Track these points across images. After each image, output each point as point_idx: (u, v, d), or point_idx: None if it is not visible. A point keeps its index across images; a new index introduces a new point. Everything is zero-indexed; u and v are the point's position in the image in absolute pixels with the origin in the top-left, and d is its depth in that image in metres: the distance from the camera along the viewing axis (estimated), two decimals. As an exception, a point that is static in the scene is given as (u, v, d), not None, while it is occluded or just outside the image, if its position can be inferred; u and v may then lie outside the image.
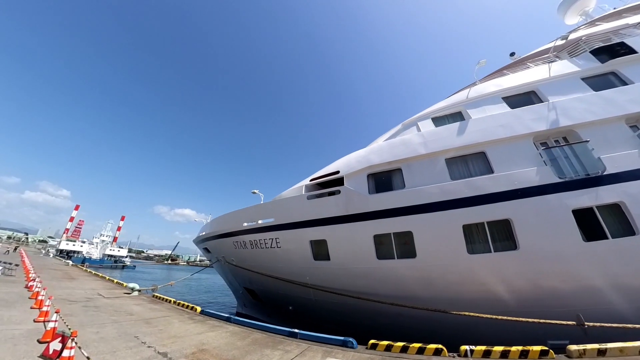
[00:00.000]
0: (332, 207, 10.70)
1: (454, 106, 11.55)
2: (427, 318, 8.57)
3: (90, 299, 11.15)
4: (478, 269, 8.32)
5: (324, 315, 11.77)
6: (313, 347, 7.07)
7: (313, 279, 11.20)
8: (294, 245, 11.67)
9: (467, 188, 8.97)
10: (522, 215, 8.21)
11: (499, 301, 8.11)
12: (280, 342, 7.32)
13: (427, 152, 10.18)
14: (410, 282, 9.19)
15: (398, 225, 9.53)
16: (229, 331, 8.05)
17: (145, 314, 9.37)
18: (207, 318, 9.52)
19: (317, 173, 12.39)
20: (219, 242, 17.18)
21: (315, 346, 7.15)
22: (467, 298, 8.44)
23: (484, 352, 6.25)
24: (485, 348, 6.29)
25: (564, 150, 9.31)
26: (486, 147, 9.69)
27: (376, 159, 10.84)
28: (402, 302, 8.81)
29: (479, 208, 8.65)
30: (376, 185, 10.74)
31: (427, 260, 8.90)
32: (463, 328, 8.26)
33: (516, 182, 8.57)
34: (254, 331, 8.25)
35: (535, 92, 10.77)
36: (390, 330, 9.28)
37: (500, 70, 13.34)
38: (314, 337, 7.74)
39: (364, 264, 9.92)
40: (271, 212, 12.69)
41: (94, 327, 7.29)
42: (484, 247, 8.48)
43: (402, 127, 12.16)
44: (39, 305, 8.67)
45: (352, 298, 9.86)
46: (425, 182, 9.75)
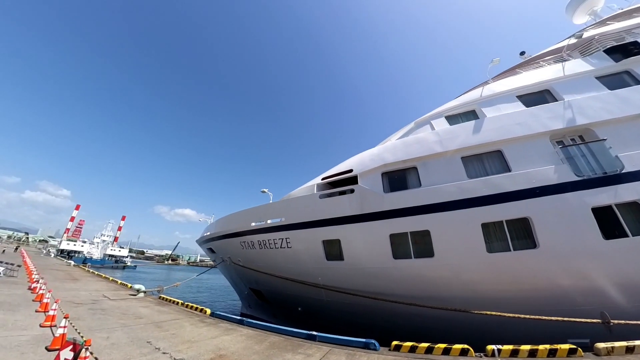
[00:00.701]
0: (346, 206, 10.33)
1: (468, 104, 11.28)
2: (446, 318, 8.34)
3: (96, 301, 10.66)
4: (498, 267, 8.10)
5: (335, 317, 11.39)
6: (334, 350, 6.68)
7: (325, 280, 10.80)
8: (305, 245, 11.27)
9: (485, 186, 8.76)
10: (542, 214, 8.03)
11: (518, 300, 7.91)
12: (299, 346, 6.91)
13: (443, 150, 9.92)
14: (428, 282, 8.92)
15: (415, 224, 9.23)
16: (244, 334, 7.62)
17: (155, 317, 8.91)
18: (219, 321, 9.07)
19: (329, 172, 12.02)
20: (224, 243, 16.73)
21: (337, 349, 6.76)
22: (486, 297, 8.21)
23: (512, 351, 5.99)
24: (512, 347, 6.03)
25: (580, 149, 9.12)
26: (503, 145, 9.49)
27: (391, 158, 10.50)
28: (420, 302, 8.52)
29: (498, 206, 8.45)
30: (390, 184, 10.40)
31: (445, 260, 8.65)
32: (482, 328, 8.02)
33: (534, 181, 8.39)
34: (269, 334, 7.83)
35: (549, 90, 10.58)
36: (405, 331, 9.02)
37: (512, 69, 13.07)
38: (334, 339, 7.34)
39: (379, 263, 9.57)
40: (281, 211, 12.28)
41: (104, 332, 6.84)
42: (503, 245, 8.28)
43: (415, 125, 11.84)
44: (44, 308, 8.19)
45: (367, 298, 9.52)
46: (441, 181, 9.49)
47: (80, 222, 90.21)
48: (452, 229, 8.73)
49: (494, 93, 11.06)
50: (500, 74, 13.39)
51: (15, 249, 47.84)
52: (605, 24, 12.76)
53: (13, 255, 33.88)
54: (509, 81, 11.49)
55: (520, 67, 12.66)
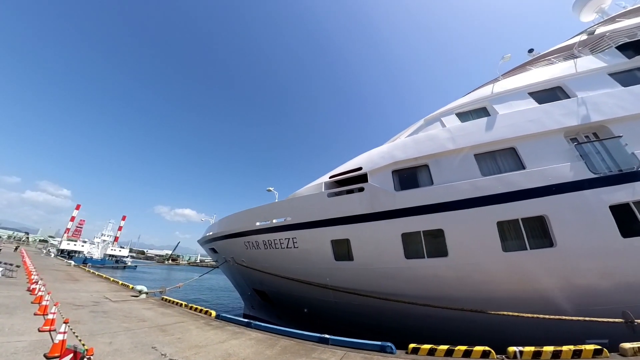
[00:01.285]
0: (355, 204, 9.94)
1: (478, 101, 10.97)
2: (460, 319, 8.05)
3: (97, 303, 10.20)
4: (514, 267, 7.85)
5: (343, 318, 10.99)
6: (350, 354, 6.31)
7: (333, 280, 10.40)
8: (313, 245, 10.86)
9: (500, 184, 8.46)
10: (559, 212, 7.79)
11: (534, 300, 7.67)
12: (312, 350, 6.52)
13: (455, 147, 9.58)
14: (441, 282, 8.60)
15: (428, 223, 8.88)
16: (253, 338, 7.20)
17: (159, 320, 8.48)
18: (225, 323, 8.65)
19: (336, 170, 11.63)
20: (228, 243, 16.28)
21: (352, 353, 6.39)
22: (501, 297, 7.93)
23: (534, 352, 5.70)
24: (534, 349, 5.76)
25: (595, 146, 8.86)
26: (516, 142, 9.22)
27: (401, 155, 10.13)
28: (434, 303, 8.20)
29: (513, 204, 8.17)
30: (401, 182, 10.03)
31: (460, 259, 8.34)
32: (497, 329, 7.74)
33: (550, 178, 8.12)
34: (280, 337, 7.42)
35: (561, 87, 10.32)
36: (416, 332, 8.71)
37: (522, 66, 12.76)
38: (348, 342, 6.96)
39: (391, 263, 9.20)
40: (287, 210, 11.86)
41: (106, 336, 6.40)
42: (519, 244, 8.01)
43: (425, 122, 11.49)
44: (43, 311, 7.75)
45: (378, 299, 9.15)
46: (454, 178, 9.15)
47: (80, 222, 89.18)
48: (466, 227, 8.43)
49: (505, 90, 10.76)
50: (510, 70, 13.09)
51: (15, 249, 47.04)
52: (615, 21, 12.49)
53: (13, 255, 33.19)
54: (519, 78, 11.19)
55: (530, 64, 12.35)
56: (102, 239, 79.76)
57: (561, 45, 12.56)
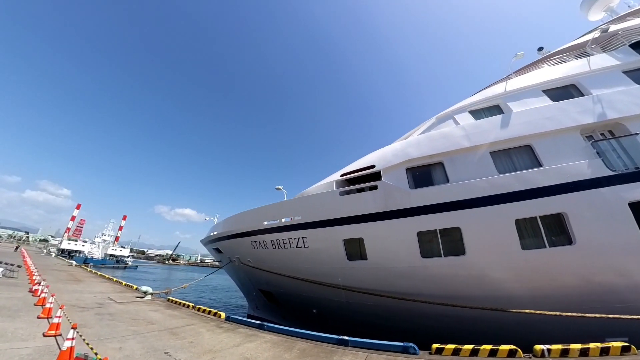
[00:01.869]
0: (369, 203, 9.58)
1: (492, 99, 10.70)
2: (477, 318, 7.84)
3: (102, 305, 9.75)
4: (533, 265, 7.67)
5: (354, 319, 10.63)
6: (372, 355, 5.98)
7: (346, 280, 10.03)
8: (324, 245, 10.48)
9: (517, 181, 8.25)
10: (578, 209, 7.63)
11: (553, 298, 7.51)
12: (332, 352, 6.15)
13: (470, 145, 9.32)
14: (459, 281, 8.34)
15: (445, 221, 8.60)
16: (269, 341, 6.81)
17: (167, 323, 8.06)
18: (236, 325, 8.24)
19: (347, 168, 11.27)
20: (233, 242, 15.83)
21: (375, 354, 6.05)
22: (520, 295, 7.73)
23: (562, 350, 5.61)
24: (562, 347, 5.66)
25: (611, 143, 8.69)
26: (533, 140, 9.03)
27: (415, 153, 9.81)
28: (450, 302, 7.95)
29: (532, 202, 7.98)
30: (414, 180, 9.71)
31: (477, 258, 8.10)
32: (515, 328, 7.59)
33: (568, 175, 7.94)
34: (296, 340, 7.04)
35: (575, 85, 10.10)
36: (432, 332, 8.47)
37: (535, 64, 12.49)
38: (368, 344, 6.62)
39: (406, 262, 8.88)
40: (297, 209, 11.47)
41: (115, 341, 5.99)
42: (537, 242, 7.83)
43: (437, 120, 11.17)
44: (47, 314, 7.31)
45: (393, 299, 8.82)
46: (470, 176, 8.90)
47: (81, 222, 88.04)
48: (485, 225, 8.19)
49: (519, 87, 10.51)
50: (522, 68, 12.83)
51: (15, 249, 46.18)
52: (626, 20, 12.28)
53: (13, 254, 32.48)
54: (532, 76, 10.95)
55: (542, 62, 12.10)
56: (103, 239, 78.83)
57: (572, 44, 12.31)
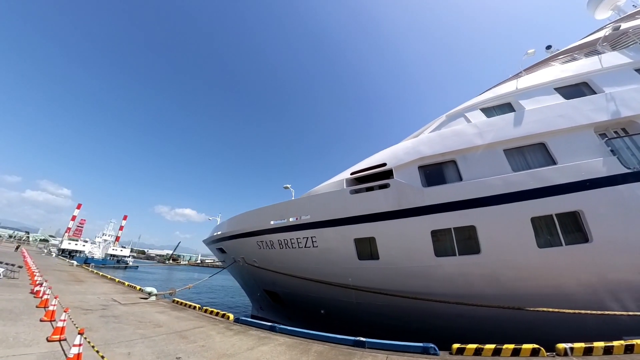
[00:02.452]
0: (381, 201, 9.28)
1: (503, 97, 10.46)
2: (492, 318, 7.66)
3: (106, 307, 9.36)
4: (550, 263, 7.50)
5: (364, 319, 10.33)
6: (392, 357, 5.71)
7: (356, 280, 9.72)
8: (334, 244, 10.16)
9: (532, 179, 8.05)
10: (594, 207, 7.48)
11: (569, 296, 7.35)
12: (350, 354, 5.84)
13: (484, 142, 9.09)
14: (474, 280, 8.11)
15: (459, 220, 8.37)
16: (283, 343, 6.47)
17: (175, 325, 7.69)
18: (247, 327, 7.89)
19: (357, 166, 10.96)
20: (238, 242, 15.46)
21: (394, 356, 5.78)
22: (536, 293, 7.56)
23: (585, 349, 5.50)
24: (585, 345, 5.55)
25: (624, 141, 8.49)
26: (546, 137, 8.82)
27: (427, 151, 9.53)
28: (465, 301, 7.73)
29: (547, 200, 7.80)
30: (426, 178, 9.43)
31: (493, 256, 7.88)
32: (530, 327, 7.45)
33: (583, 173, 7.77)
34: (311, 342, 6.70)
35: (587, 83, 9.89)
36: (444, 333, 8.29)
37: (545, 62, 12.27)
38: (387, 345, 6.33)
39: (419, 262, 8.62)
40: (306, 208, 11.13)
41: (122, 345, 5.63)
42: (554, 240, 7.67)
43: (447, 118, 10.90)
44: (50, 316, 6.92)
45: (406, 299, 8.55)
46: (484, 174, 8.68)
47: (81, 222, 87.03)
48: (500, 223, 7.97)
49: (531, 85, 10.29)
50: (532, 66, 12.61)
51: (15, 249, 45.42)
52: (634, 18, 12.08)
53: (13, 255, 31.84)
54: (543, 73, 10.72)
55: (552, 60, 11.87)
56: (104, 239, 77.97)
57: (582, 42, 12.10)
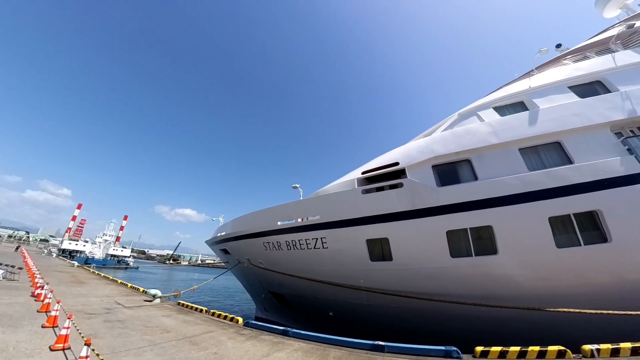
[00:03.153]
0: (394, 201, 8.94)
1: (516, 96, 10.17)
2: (509, 319, 7.43)
3: (110, 310, 8.93)
4: (568, 263, 7.27)
5: (375, 321, 9.98)
6: (414, 363, 5.32)
7: (368, 282, 9.37)
8: (345, 245, 9.80)
9: (549, 179, 7.79)
10: (613, 206, 7.25)
11: (588, 296, 7.11)
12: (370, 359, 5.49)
13: (499, 141, 8.79)
14: (490, 281, 7.82)
15: (476, 220, 8.07)
16: (298, 349, 6.09)
17: (184, 330, 7.29)
18: (258, 332, 7.50)
19: (368, 165, 10.61)
20: (243, 243, 15.05)
21: (416, 362, 5.40)
22: (555, 294, 7.31)
23: (612, 350, 5.39)
24: (611, 346, 5.45)
25: None
26: (562, 136, 8.54)
27: (441, 150, 9.21)
28: (482, 302, 7.45)
29: (565, 199, 7.56)
30: (440, 178, 9.11)
31: (511, 257, 7.62)
32: (546, 328, 7.27)
33: (601, 172, 7.53)
34: (328, 347, 6.34)
35: (601, 81, 9.62)
36: (458, 335, 8.05)
37: (556, 60, 12.01)
38: (407, 349, 6.04)
39: (435, 263, 8.30)
40: (315, 209, 10.76)
41: (131, 354, 5.23)
42: (572, 240, 7.42)
43: (459, 117, 10.59)
44: (53, 322, 6.49)
45: (420, 300, 8.23)
46: (500, 173, 8.40)
47: (81, 222, 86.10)
48: (518, 223, 7.69)
49: (544, 84, 10.00)
50: (543, 65, 12.34)
51: (15, 249, 44.66)
52: (644, 17, 11.84)
53: (13, 255, 31.20)
54: (556, 72, 10.44)
55: (564, 59, 11.60)
56: (104, 239, 77.06)
57: (593, 40, 11.86)
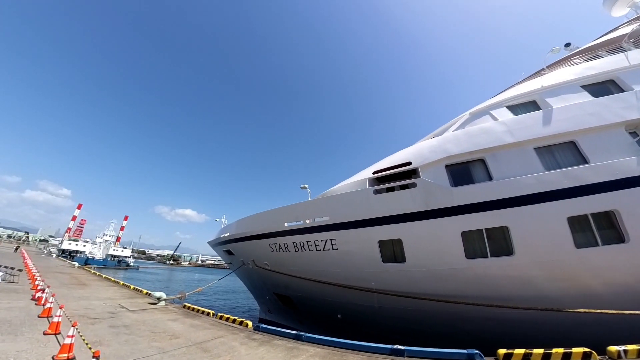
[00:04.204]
0: (407, 202, 8.63)
1: (528, 95, 9.91)
2: (525, 320, 7.26)
3: (114, 314, 8.52)
4: (586, 263, 7.07)
5: (385, 324, 9.67)
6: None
7: (380, 284, 9.05)
8: (356, 247, 9.47)
9: (565, 178, 7.57)
10: (630, 206, 7.06)
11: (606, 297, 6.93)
12: (391, 369, 5.15)
13: (514, 140, 8.53)
14: (507, 282, 7.58)
15: (491, 220, 7.83)
16: (315, 355, 5.73)
17: (193, 336, 6.90)
18: (271, 337, 7.12)
19: (379, 165, 10.29)
20: (248, 245, 14.67)
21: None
22: (572, 294, 7.10)
23: (638, 351, 5.16)
24: (638, 347, 5.22)
25: None
26: (577, 136, 8.31)
27: (455, 149, 8.92)
28: (497, 304, 7.21)
29: (582, 199, 7.35)
30: (453, 177, 8.82)
31: (528, 257, 7.39)
32: (563, 329, 7.06)
33: (617, 172, 7.34)
34: (346, 352, 5.99)
35: (614, 80, 9.39)
36: (470, 337, 7.83)
37: (566, 59, 11.77)
38: (427, 353, 5.74)
39: (449, 264, 8.04)
40: (324, 209, 10.42)
41: (140, 365, 4.87)
42: (591, 240, 7.22)
43: (471, 116, 10.30)
44: (55, 329, 6.09)
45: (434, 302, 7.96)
46: (515, 173, 8.15)
47: (81, 222, 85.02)
48: (535, 224, 7.45)
49: (556, 83, 9.75)
50: (554, 64, 12.10)
51: (15, 249, 43.86)
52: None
53: (13, 256, 30.53)
54: (568, 71, 10.20)
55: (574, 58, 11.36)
56: (104, 239, 76.15)
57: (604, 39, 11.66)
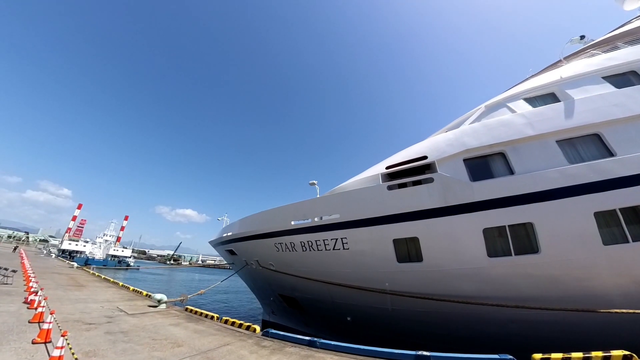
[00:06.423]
0: (424, 198, 8.04)
1: (546, 87, 9.39)
2: (552, 322, 6.80)
3: (111, 319, 7.85)
4: (616, 261, 6.59)
5: (398, 327, 9.05)
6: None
7: (394, 285, 8.44)
8: (369, 246, 8.86)
9: (591, 172, 7.06)
10: None
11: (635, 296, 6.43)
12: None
13: (535, 133, 7.99)
14: (532, 282, 7.06)
15: (515, 217, 7.26)
16: (332, 369, 5.14)
17: (197, 343, 6.26)
18: (282, 344, 6.49)
19: (392, 159, 9.69)
20: (251, 244, 14.00)
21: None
22: (601, 294, 6.61)
23: None
24: None
25: None
26: (602, 128, 7.77)
27: (473, 142, 8.35)
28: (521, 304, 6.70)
29: (610, 194, 6.85)
30: (472, 172, 8.25)
31: (555, 255, 6.86)
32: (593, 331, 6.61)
33: None
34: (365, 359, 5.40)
35: (636, 71, 8.89)
36: (490, 340, 7.38)
37: (584, 50, 11.28)
38: (454, 359, 5.14)
39: (470, 263, 7.46)
40: (334, 207, 9.80)
41: (138, 379, 4.22)
42: (619, 236, 6.71)
43: (487, 109, 9.76)
44: (45, 337, 5.42)
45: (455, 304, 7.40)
46: (538, 167, 7.62)
47: (82, 222, 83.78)
48: (561, 220, 6.92)
49: (576, 74, 9.24)
50: (570, 55, 11.61)
51: (13, 249, 42.84)
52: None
53: (11, 256, 29.63)
54: (587, 62, 9.70)
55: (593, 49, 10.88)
56: (105, 239, 75.05)
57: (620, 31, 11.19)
